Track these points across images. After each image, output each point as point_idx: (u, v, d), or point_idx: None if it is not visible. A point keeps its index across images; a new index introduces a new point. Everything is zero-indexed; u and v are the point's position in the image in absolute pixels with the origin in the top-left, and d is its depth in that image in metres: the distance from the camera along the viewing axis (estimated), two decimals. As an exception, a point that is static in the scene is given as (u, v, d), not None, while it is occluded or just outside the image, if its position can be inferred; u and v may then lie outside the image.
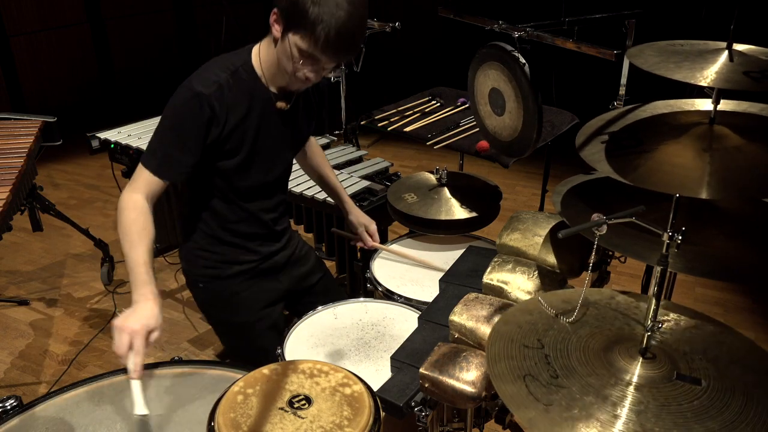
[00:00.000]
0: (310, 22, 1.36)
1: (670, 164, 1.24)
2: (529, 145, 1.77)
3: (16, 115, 2.77)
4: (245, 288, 1.80)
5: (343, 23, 1.36)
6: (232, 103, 1.53)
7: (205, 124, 1.50)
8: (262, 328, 1.82)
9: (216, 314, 1.86)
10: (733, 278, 1.30)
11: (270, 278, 1.85)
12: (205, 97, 1.48)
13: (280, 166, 1.74)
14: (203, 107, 1.48)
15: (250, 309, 1.81)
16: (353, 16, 1.38)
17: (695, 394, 1.01)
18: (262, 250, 1.80)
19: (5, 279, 3.23)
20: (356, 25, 1.41)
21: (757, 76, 1.20)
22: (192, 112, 1.49)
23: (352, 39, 1.42)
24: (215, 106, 1.49)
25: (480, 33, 2.34)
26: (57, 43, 5.60)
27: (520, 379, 1.05)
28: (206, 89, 1.48)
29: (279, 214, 1.82)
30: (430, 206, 1.97)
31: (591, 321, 1.20)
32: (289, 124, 1.68)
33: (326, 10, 1.35)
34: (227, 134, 1.55)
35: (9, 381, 2.56)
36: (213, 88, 1.49)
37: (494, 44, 1.77)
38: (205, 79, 1.50)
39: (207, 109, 1.49)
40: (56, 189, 4.32)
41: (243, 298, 1.80)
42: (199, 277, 1.79)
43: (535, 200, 3.78)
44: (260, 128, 1.61)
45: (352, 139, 3.21)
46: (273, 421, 1.14)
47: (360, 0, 1.40)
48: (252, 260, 1.79)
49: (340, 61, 1.47)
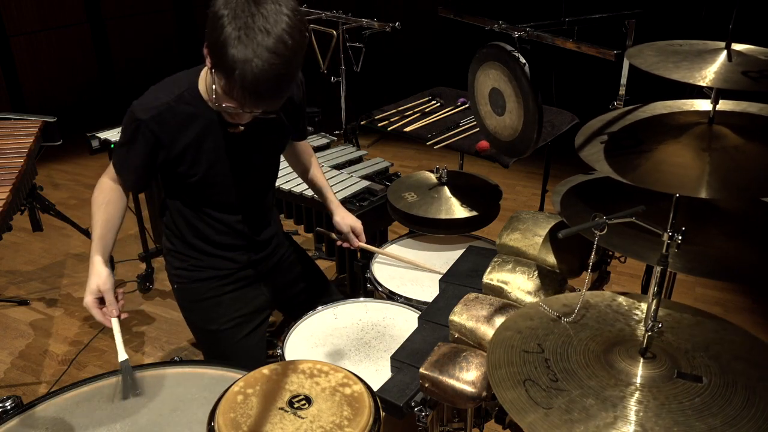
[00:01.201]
0: (229, 65, 1.25)
1: (670, 164, 1.24)
2: (530, 145, 1.77)
3: (16, 115, 2.77)
4: (221, 293, 1.76)
5: (261, 71, 1.25)
6: (176, 128, 1.50)
7: (149, 148, 1.51)
8: (237, 337, 1.77)
9: (189, 317, 1.82)
10: (733, 278, 1.30)
11: (251, 286, 1.81)
12: (144, 123, 1.47)
13: (249, 184, 1.69)
14: (144, 133, 1.49)
15: (224, 316, 1.76)
16: (274, 65, 1.25)
17: (696, 391, 1.01)
18: (240, 258, 1.76)
19: (5, 279, 3.23)
20: (278, 74, 1.27)
21: (755, 76, 1.20)
22: (134, 136, 1.50)
23: (272, 88, 1.30)
24: (156, 131, 1.49)
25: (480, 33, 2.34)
26: (57, 43, 5.60)
27: (519, 385, 1.05)
28: (144, 114, 1.47)
29: (261, 224, 1.78)
30: (431, 205, 1.97)
31: (591, 323, 1.20)
32: (250, 144, 1.61)
33: (244, 56, 1.23)
34: (176, 157, 1.53)
35: (9, 381, 2.56)
36: (151, 113, 1.48)
37: (494, 44, 1.77)
38: (145, 105, 1.49)
39: (148, 134, 1.49)
40: (56, 189, 4.32)
41: (217, 304, 1.76)
42: (174, 277, 1.78)
43: (535, 200, 3.78)
44: (216, 151, 1.56)
45: (352, 139, 3.21)
46: (273, 421, 1.14)
47: (286, 47, 1.25)
48: (229, 268, 1.76)
49: (261, 108, 1.37)
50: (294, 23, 1.27)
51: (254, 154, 1.65)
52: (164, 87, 1.53)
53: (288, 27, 1.26)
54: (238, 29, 1.23)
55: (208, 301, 1.76)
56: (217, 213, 1.67)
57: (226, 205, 1.68)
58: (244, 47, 1.23)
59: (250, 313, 1.80)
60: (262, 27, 1.23)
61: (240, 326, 1.77)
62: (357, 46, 3.05)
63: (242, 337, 1.77)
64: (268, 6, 1.25)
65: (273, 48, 1.24)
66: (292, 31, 1.26)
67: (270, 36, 1.24)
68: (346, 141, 3.17)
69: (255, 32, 1.23)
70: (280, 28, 1.25)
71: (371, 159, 2.76)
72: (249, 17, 1.23)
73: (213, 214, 1.67)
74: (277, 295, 1.88)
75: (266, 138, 1.66)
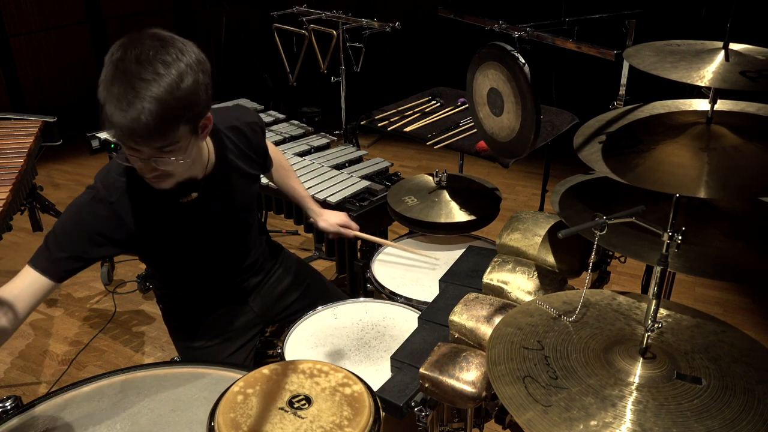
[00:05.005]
0: (101, 107, 1.21)
1: (668, 164, 1.24)
2: (527, 145, 1.77)
3: (16, 115, 2.77)
4: (205, 311, 1.75)
5: (131, 119, 1.18)
6: (132, 207, 1.41)
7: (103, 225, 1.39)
8: (224, 354, 1.73)
9: (174, 335, 1.80)
10: (733, 278, 1.30)
11: (238, 303, 1.79)
12: (108, 201, 1.38)
13: (219, 249, 1.64)
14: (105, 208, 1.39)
15: (208, 333, 1.74)
16: (148, 103, 1.18)
17: (695, 393, 1.02)
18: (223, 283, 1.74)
19: (5, 279, 3.22)
20: (150, 112, 1.18)
21: (753, 76, 1.21)
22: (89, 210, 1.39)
23: (147, 128, 1.19)
24: (120, 210, 1.40)
25: (480, 33, 2.34)
26: (57, 43, 5.60)
27: (519, 381, 1.05)
28: (110, 196, 1.39)
29: (242, 258, 1.74)
30: (431, 209, 1.98)
31: (591, 322, 1.20)
32: (207, 211, 1.53)
33: (112, 96, 1.19)
34: (133, 235, 1.43)
35: (9, 381, 2.56)
36: (116, 196, 1.39)
37: (494, 44, 1.77)
38: (110, 184, 1.40)
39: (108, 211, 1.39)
40: (56, 189, 4.32)
41: (201, 321, 1.74)
42: (159, 297, 1.80)
43: (535, 200, 3.79)
44: (169, 224, 1.48)
45: (352, 139, 3.21)
46: (273, 421, 1.14)
47: (160, 88, 1.18)
48: (213, 290, 1.74)
49: (145, 149, 1.25)
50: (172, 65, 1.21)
51: (216, 220, 1.58)
52: (114, 167, 1.43)
53: (172, 62, 1.21)
54: (113, 65, 1.21)
55: (192, 319, 1.75)
56: (189, 270, 1.66)
57: (198, 265, 1.65)
58: (111, 98, 1.19)
59: (237, 330, 1.77)
60: (133, 58, 1.20)
61: (225, 343, 1.75)
62: (357, 46, 3.05)
63: (228, 355, 1.74)
64: (147, 42, 1.21)
65: (146, 78, 1.18)
66: (176, 66, 1.21)
67: (143, 68, 1.19)
68: (346, 141, 3.18)
69: (125, 63, 1.20)
70: (159, 62, 1.20)
71: (371, 159, 2.76)
72: (122, 51, 1.21)
73: (185, 269, 1.66)
74: (267, 311, 1.86)
75: (226, 201, 1.57)
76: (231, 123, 1.58)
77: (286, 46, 3.36)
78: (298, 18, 3.19)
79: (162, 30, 1.26)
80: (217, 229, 1.60)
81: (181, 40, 1.26)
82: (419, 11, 6.35)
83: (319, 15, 3.15)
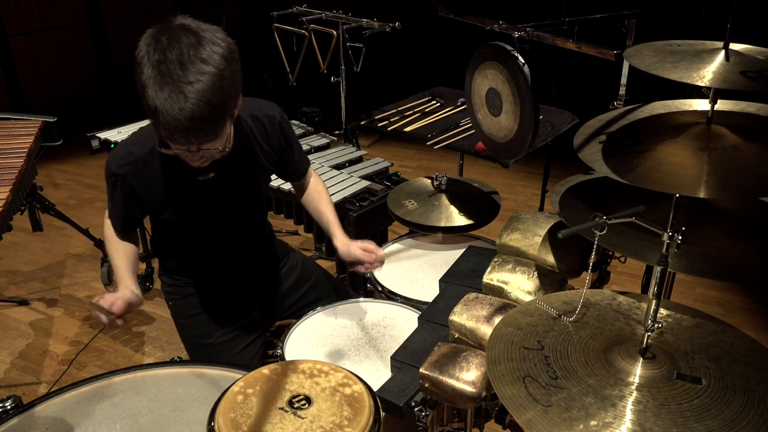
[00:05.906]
0: (152, 111, 1.24)
1: (668, 164, 1.24)
2: (525, 145, 1.77)
3: (16, 115, 2.77)
4: (214, 307, 1.76)
5: (185, 118, 1.23)
6: (152, 181, 1.51)
7: (130, 199, 1.54)
8: (235, 351, 1.75)
9: (184, 333, 1.81)
10: (733, 278, 1.30)
11: (247, 299, 1.81)
12: (121, 177, 1.49)
13: (232, 225, 1.70)
14: (123, 186, 1.51)
15: (219, 329, 1.75)
16: (199, 104, 1.22)
17: (695, 393, 1.02)
18: (232, 276, 1.78)
19: (5, 279, 3.23)
20: (203, 113, 1.24)
21: (753, 76, 1.21)
22: (114, 189, 1.53)
23: (201, 126, 1.26)
24: (134, 184, 1.50)
25: (480, 33, 2.34)
26: (57, 43, 5.60)
27: (519, 381, 1.05)
28: (119, 170, 1.49)
29: (249, 248, 1.78)
30: (431, 213, 1.98)
31: (591, 322, 1.20)
32: (225, 190, 1.59)
33: (162, 100, 1.22)
34: (152, 208, 1.57)
35: (9, 381, 2.56)
36: (127, 168, 1.49)
37: (493, 44, 1.77)
38: (119, 160, 1.50)
39: (127, 187, 1.51)
40: (56, 189, 4.32)
41: (211, 317, 1.76)
42: (168, 294, 1.81)
43: (535, 200, 3.79)
44: (191, 201, 1.57)
45: (352, 139, 3.21)
46: (273, 421, 1.14)
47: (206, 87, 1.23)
48: (221, 284, 1.77)
49: (197, 145, 1.32)
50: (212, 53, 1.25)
51: (231, 199, 1.63)
52: (136, 140, 1.52)
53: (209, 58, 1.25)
54: (154, 67, 1.23)
55: (202, 315, 1.76)
56: (202, 247, 1.71)
57: (210, 242, 1.71)
58: (161, 90, 1.22)
59: (247, 326, 1.78)
60: (175, 60, 1.22)
61: (236, 339, 1.76)
62: (357, 46, 3.05)
63: (239, 351, 1.75)
64: (183, 39, 1.24)
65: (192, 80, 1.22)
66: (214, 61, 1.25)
67: (186, 70, 1.22)
68: (346, 141, 3.18)
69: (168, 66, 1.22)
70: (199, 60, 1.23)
71: (371, 159, 2.76)
72: (161, 53, 1.23)
73: (199, 246, 1.71)
74: (275, 307, 1.88)
75: (240, 181, 1.62)
76: (252, 112, 1.62)
77: (286, 46, 3.36)
78: (298, 18, 3.19)
79: (186, 18, 1.30)
80: (227, 215, 1.66)
81: (208, 29, 1.30)
82: (419, 11, 6.34)
83: (319, 15, 3.15)
